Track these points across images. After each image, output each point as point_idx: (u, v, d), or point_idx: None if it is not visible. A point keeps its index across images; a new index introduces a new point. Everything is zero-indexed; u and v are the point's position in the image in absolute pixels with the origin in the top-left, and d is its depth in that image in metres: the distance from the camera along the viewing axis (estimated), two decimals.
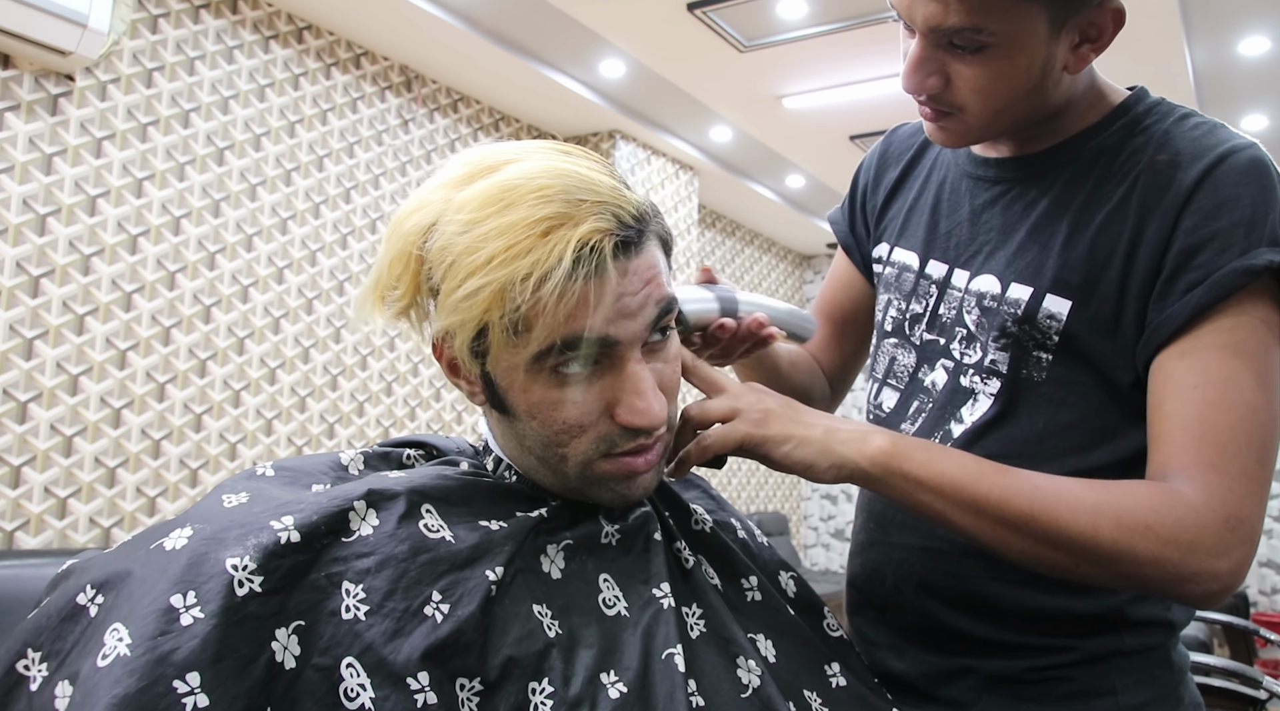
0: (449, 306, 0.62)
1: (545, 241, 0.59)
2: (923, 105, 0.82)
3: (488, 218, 0.61)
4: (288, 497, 0.61)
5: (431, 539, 0.61)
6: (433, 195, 0.65)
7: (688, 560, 0.73)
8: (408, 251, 0.64)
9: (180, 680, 0.49)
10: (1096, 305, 0.79)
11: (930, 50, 0.77)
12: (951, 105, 0.80)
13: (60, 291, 2.65)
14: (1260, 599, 5.42)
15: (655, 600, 0.67)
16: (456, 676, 0.57)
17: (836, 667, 0.75)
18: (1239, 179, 0.75)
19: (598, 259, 0.60)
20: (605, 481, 0.68)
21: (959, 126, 0.82)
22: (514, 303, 0.60)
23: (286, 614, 0.54)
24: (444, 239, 0.62)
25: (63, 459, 2.63)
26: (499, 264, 0.59)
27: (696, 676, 0.65)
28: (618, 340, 0.63)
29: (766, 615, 0.76)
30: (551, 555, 0.67)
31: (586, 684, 0.61)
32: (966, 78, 0.77)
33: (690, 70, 3.86)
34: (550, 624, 0.63)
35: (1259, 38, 3.51)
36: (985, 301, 0.85)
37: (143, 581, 0.53)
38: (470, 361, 0.66)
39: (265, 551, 0.55)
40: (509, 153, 0.65)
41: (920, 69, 0.78)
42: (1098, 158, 0.82)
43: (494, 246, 0.60)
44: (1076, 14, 0.76)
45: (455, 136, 4.02)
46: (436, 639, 0.57)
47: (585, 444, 0.66)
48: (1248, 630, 2.26)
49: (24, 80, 2.59)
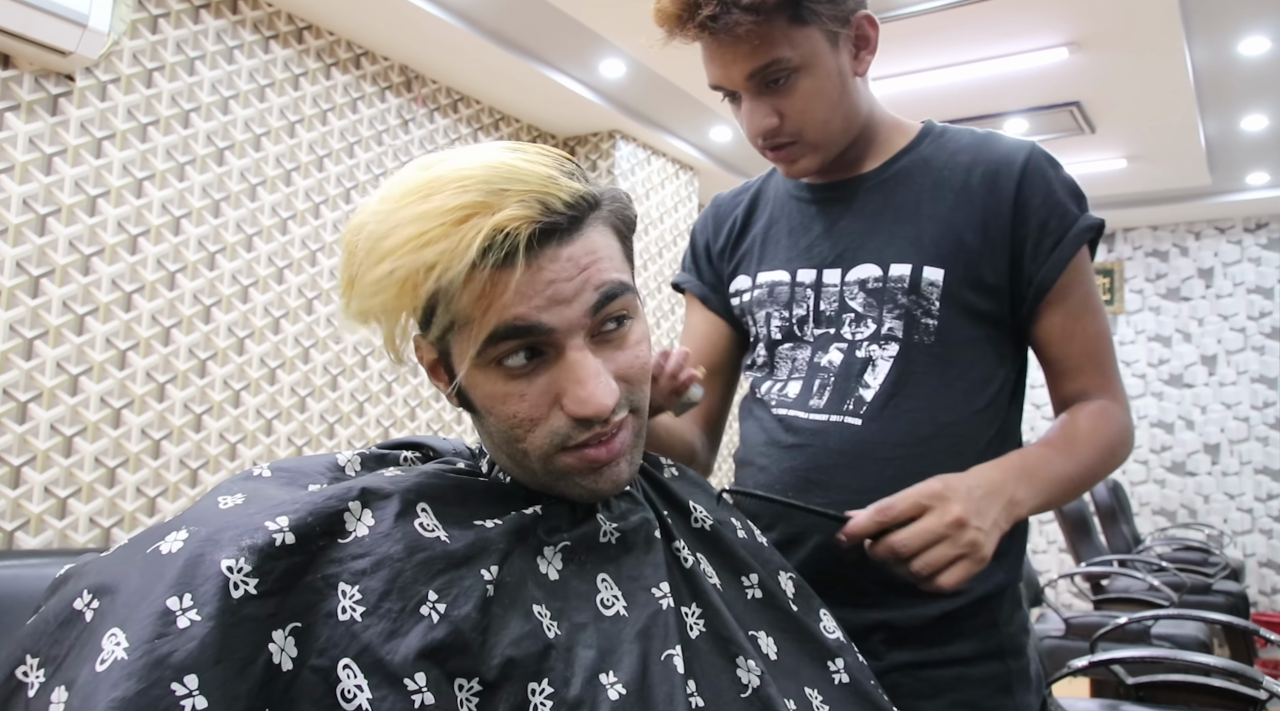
0: (364, 290, 0.62)
1: (458, 229, 0.59)
2: (770, 150, 1.00)
3: (407, 206, 0.60)
4: (284, 498, 0.60)
5: (427, 538, 0.61)
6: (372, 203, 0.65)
7: (687, 559, 0.73)
8: (347, 247, 0.64)
9: (179, 682, 0.49)
10: (963, 270, 0.98)
11: (756, 98, 0.96)
12: (791, 134, 0.97)
13: (60, 291, 2.65)
14: (1260, 599, 5.42)
15: (654, 600, 0.67)
16: (455, 676, 0.57)
17: (840, 664, 0.75)
18: (1049, 165, 1.02)
19: (508, 246, 0.59)
20: (569, 475, 0.67)
21: (804, 150, 0.99)
22: (425, 290, 0.59)
23: (283, 615, 0.54)
24: (366, 228, 0.62)
25: (63, 459, 2.63)
26: (409, 251, 0.59)
27: (696, 677, 0.65)
28: (551, 328, 0.63)
29: (768, 612, 0.76)
30: (549, 557, 0.67)
31: (586, 685, 0.61)
32: (791, 104, 0.96)
33: (690, 70, 3.83)
34: (549, 625, 0.63)
35: (1259, 38, 3.51)
36: (870, 285, 1.00)
37: (139, 585, 0.53)
38: (431, 355, 0.67)
39: (260, 553, 0.55)
40: (459, 153, 0.65)
41: (756, 115, 0.97)
42: (925, 165, 1.03)
43: (406, 232, 0.59)
44: (843, 28, 0.96)
45: (455, 136, 4.02)
46: (433, 639, 0.57)
47: (540, 438, 0.65)
48: (1248, 630, 2.26)
49: (24, 80, 2.59)
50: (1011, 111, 4.19)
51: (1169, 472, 5.74)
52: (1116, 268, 5.99)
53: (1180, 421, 5.73)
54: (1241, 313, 5.65)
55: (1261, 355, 5.57)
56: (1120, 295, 5.96)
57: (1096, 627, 2.56)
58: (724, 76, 0.96)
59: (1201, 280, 5.78)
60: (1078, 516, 4.15)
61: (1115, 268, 6.00)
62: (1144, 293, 5.92)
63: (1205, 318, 5.74)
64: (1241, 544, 5.51)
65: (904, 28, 3.38)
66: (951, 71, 3.74)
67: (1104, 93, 3.98)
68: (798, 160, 1.00)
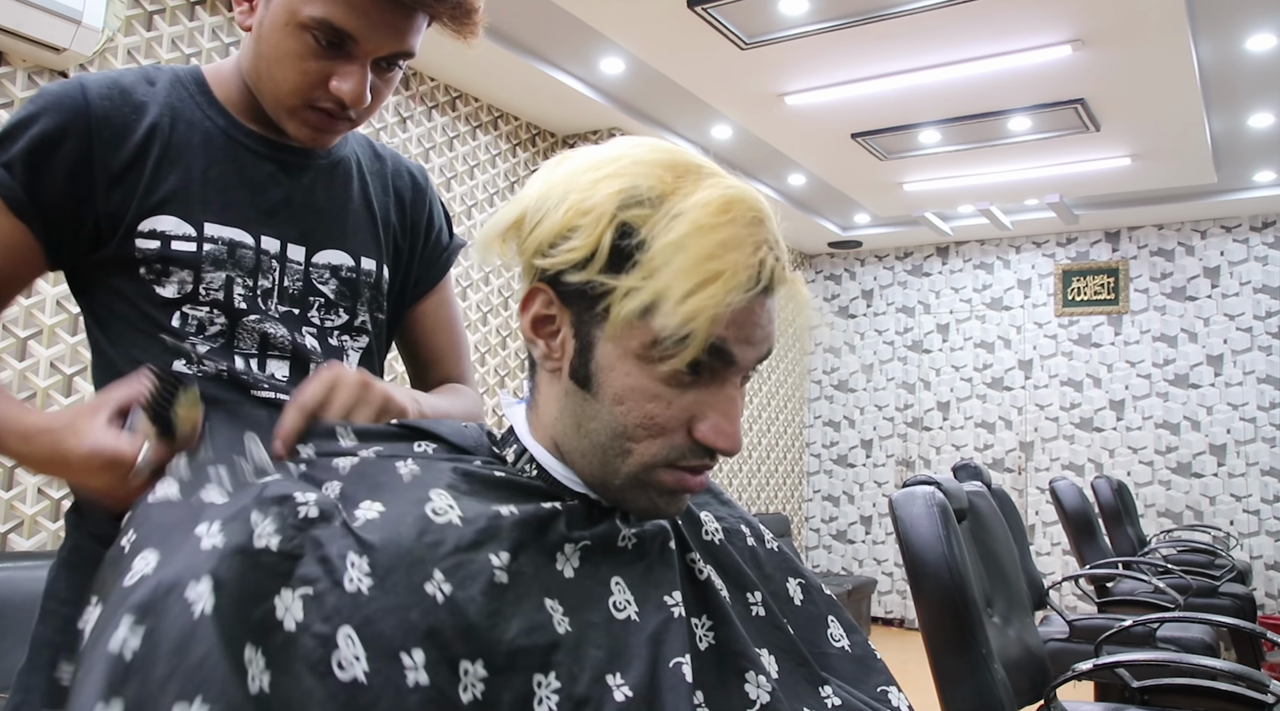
0: (666, 275, 0.64)
1: (754, 256, 0.65)
2: (320, 114, 0.93)
3: (721, 225, 0.65)
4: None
5: (438, 523, 0.62)
6: (623, 166, 0.68)
7: (701, 571, 0.74)
8: (601, 210, 0.65)
9: (195, 584, 0.53)
10: (393, 270, 1.07)
11: (372, 72, 0.92)
12: (357, 114, 0.94)
13: (54, 291, 2.63)
14: (1267, 602, 5.39)
15: (666, 607, 0.68)
16: (459, 660, 0.58)
17: (829, 690, 0.76)
18: (428, 181, 1.13)
19: (768, 283, 0.66)
20: (653, 490, 0.69)
21: (345, 129, 0.96)
22: (715, 301, 0.64)
23: (295, 579, 0.57)
24: (676, 225, 0.65)
25: None
26: (724, 274, 0.64)
27: (704, 688, 0.66)
28: (735, 361, 0.67)
29: (769, 632, 0.76)
30: (568, 553, 0.67)
31: (592, 683, 0.62)
32: (381, 91, 0.94)
33: (691, 68, 3.83)
34: (560, 620, 0.63)
35: (1266, 34, 3.48)
36: (343, 273, 1.02)
37: (173, 520, 0.59)
38: (581, 325, 0.68)
39: (284, 518, 0.58)
40: (697, 157, 0.71)
41: (361, 84, 0.91)
42: (356, 158, 1.06)
43: (727, 257, 0.64)
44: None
45: (453, 134, 4.00)
46: (435, 619, 0.58)
47: (656, 447, 0.67)
48: (1254, 633, 2.23)
49: (17, 77, 2.58)
50: (1015, 109, 4.17)
51: (1174, 474, 5.70)
52: (1121, 266, 5.96)
53: (1186, 422, 5.70)
54: (1248, 312, 5.61)
55: (1268, 355, 5.54)
56: (1125, 294, 5.93)
57: (1101, 630, 2.53)
58: (381, 33, 0.89)
59: (1207, 279, 5.74)
60: (1082, 518, 4.12)
61: (1120, 267, 5.96)
62: (1149, 292, 5.88)
63: (1211, 317, 5.70)
64: (1248, 546, 5.47)
65: (906, 25, 3.35)
66: (955, 69, 3.72)
67: (1109, 90, 3.96)
68: (334, 134, 0.96)
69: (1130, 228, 5.97)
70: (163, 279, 0.93)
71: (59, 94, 0.91)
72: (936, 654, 1.66)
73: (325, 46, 0.88)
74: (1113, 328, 5.95)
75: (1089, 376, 5.98)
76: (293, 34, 0.88)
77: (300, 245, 0.99)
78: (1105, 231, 6.04)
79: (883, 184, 5.33)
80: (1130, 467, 5.79)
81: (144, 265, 0.92)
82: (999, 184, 5.25)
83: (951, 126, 4.39)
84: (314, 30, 0.87)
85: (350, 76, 0.90)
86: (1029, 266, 6.25)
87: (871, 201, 5.72)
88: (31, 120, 0.90)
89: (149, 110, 0.94)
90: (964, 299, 6.43)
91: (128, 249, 0.92)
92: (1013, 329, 6.23)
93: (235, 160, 0.96)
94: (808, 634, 0.80)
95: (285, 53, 0.89)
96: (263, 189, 0.97)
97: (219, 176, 0.95)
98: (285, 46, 0.89)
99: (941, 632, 1.65)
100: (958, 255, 6.50)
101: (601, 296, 0.66)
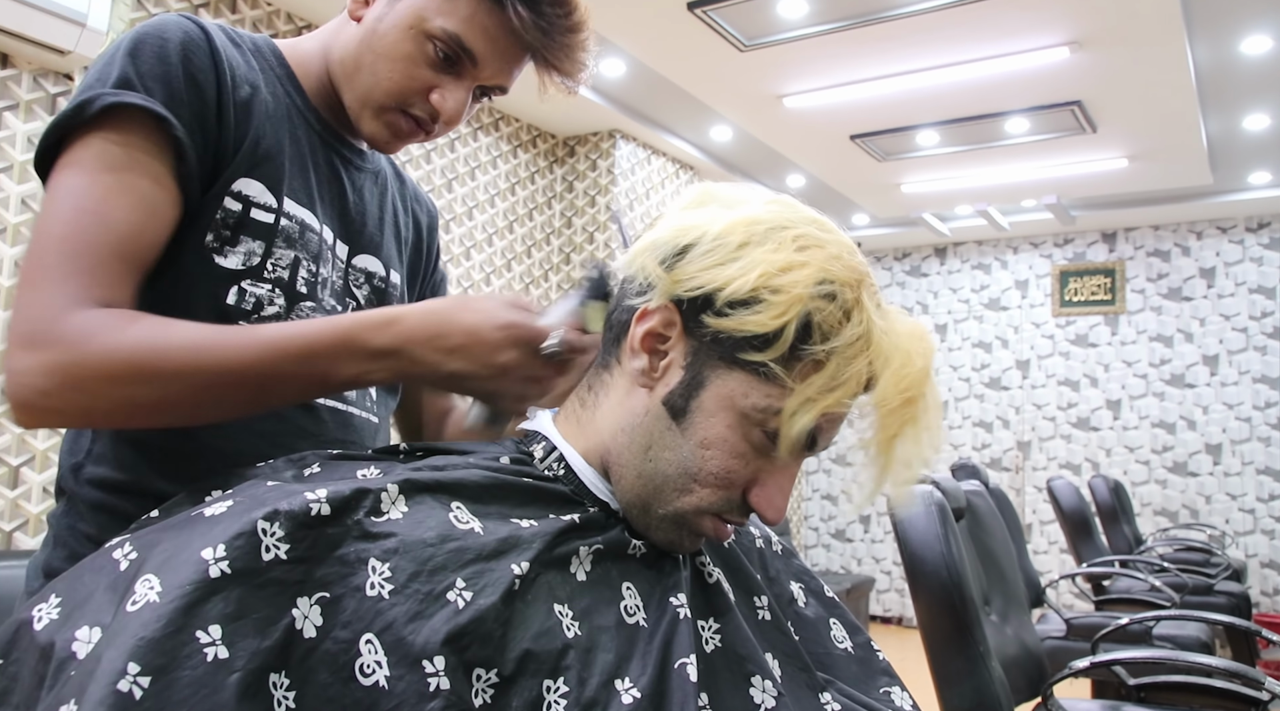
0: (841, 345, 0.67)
1: (918, 369, 0.69)
2: (412, 121, 0.91)
3: (907, 336, 0.70)
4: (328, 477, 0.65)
5: (460, 529, 0.63)
6: (816, 258, 0.68)
7: (711, 574, 0.75)
8: (794, 295, 0.66)
9: (204, 631, 0.52)
10: (406, 290, 1.05)
11: (471, 95, 0.92)
12: (444, 127, 0.93)
13: None
14: (1262, 600, 5.41)
15: (672, 609, 0.68)
16: (473, 666, 0.58)
17: (829, 696, 0.77)
18: (438, 215, 1.12)
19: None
20: (688, 529, 0.71)
21: (417, 141, 0.95)
22: (836, 401, 0.67)
23: (311, 584, 0.56)
24: (874, 333, 0.68)
25: None
26: (851, 383, 0.68)
27: (709, 690, 0.66)
28: (816, 446, 0.70)
29: (774, 636, 0.77)
30: (582, 557, 0.68)
31: (601, 688, 0.62)
32: (468, 111, 0.94)
33: (690, 69, 3.85)
34: (570, 625, 0.64)
35: (1261, 37, 3.50)
36: (376, 281, 0.98)
37: (179, 541, 0.57)
38: (696, 360, 0.69)
39: (295, 519, 0.57)
40: (860, 258, 0.72)
41: (460, 103, 0.91)
42: (382, 167, 1.04)
43: (907, 348, 0.69)
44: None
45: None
46: (457, 625, 0.58)
47: (713, 497, 0.69)
48: (1250, 631, 2.25)
49: (22, 79, 2.59)
50: (1012, 111, 4.19)
51: (1171, 473, 5.73)
52: (1118, 267, 5.98)
53: (1182, 421, 5.72)
54: (1243, 312, 5.63)
55: (1263, 355, 5.56)
56: (1122, 295, 5.95)
57: (1098, 628, 2.55)
58: (498, 63, 0.91)
59: (1203, 280, 5.77)
60: (1079, 517, 4.14)
61: (1117, 267, 5.99)
62: (1145, 292, 5.90)
63: (1207, 317, 5.73)
64: (1243, 544, 5.49)
65: (905, 27, 3.37)
66: (952, 71, 3.74)
67: (1105, 92, 3.97)
68: (403, 143, 0.95)
69: (1127, 228, 5.99)
70: (227, 248, 0.83)
71: (170, 17, 0.82)
72: (934, 652, 1.67)
73: (441, 59, 0.87)
74: (1109, 328, 5.97)
75: (1086, 376, 6.00)
76: (414, 38, 0.86)
77: (346, 244, 0.96)
78: (1102, 232, 6.07)
79: (881, 185, 5.34)
80: (1127, 467, 5.81)
81: (214, 229, 0.82)
82: (996, 185, 5.27)
83: (949, 128, 4.41)
84: (438, 41, 0.86)
85: (455, 94, 0.89)
86: (1026, 267, 6.27)
87: (870, 202, 5.73)
88: (154, 36, 0.80)
89: (251, 62, 0.88)
90: (962, 299, 6.45)
91: (211, 207, 0.82)
92: (1010, 329, 6.25)
93: (309, 142, 0.93)
94: (811, 636, 0.81)
95: (400, 54, 0.87)
96: (326, 178, 0.94)
97: (296, 154, 0.91)
98: (401, 48, 0.87)
99: (939, 631, 1.66)
100: (955, 256, 6.52)
101: (736, 346, 0.67)
